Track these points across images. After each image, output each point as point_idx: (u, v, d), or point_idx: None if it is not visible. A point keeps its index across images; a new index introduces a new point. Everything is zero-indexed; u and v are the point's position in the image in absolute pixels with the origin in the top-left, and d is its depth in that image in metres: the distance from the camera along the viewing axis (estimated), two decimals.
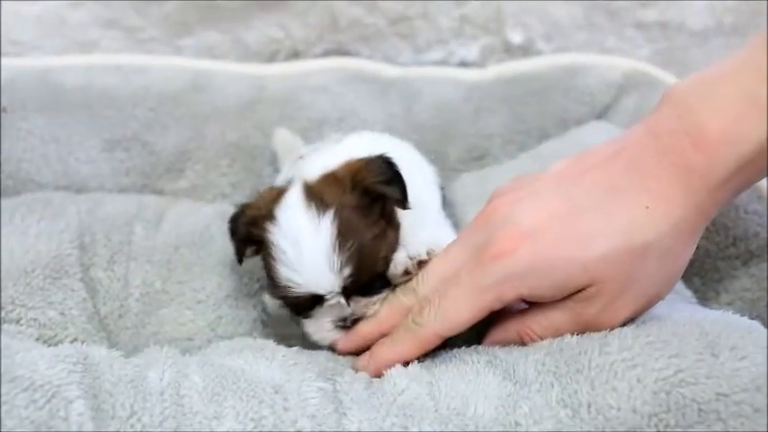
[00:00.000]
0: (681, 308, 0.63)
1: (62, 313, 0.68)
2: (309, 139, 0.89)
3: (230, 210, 0.80)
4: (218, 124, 0.90)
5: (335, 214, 0.58)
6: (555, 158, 0.83)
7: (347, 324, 0.61)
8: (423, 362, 0.59)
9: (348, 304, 0.60)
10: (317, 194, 0.60)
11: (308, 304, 0.61)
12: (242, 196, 0.89)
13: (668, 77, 0.93)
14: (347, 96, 0.93)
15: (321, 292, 0.59)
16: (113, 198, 0.83)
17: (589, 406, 0.49)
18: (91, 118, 0.88)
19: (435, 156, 0.91)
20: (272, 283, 0.61)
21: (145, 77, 0.90)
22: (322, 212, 0.59)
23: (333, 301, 0.59)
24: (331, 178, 0.62)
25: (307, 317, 0.62)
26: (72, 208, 0.77)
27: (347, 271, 0.58)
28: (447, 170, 0.91)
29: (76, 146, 0.87)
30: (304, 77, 0.93)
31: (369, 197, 0.61)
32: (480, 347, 0.60)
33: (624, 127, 0.89)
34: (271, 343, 0.64)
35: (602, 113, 0.94)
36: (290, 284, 0.59)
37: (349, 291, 0.59)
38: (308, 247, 0.58)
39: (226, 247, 0.74)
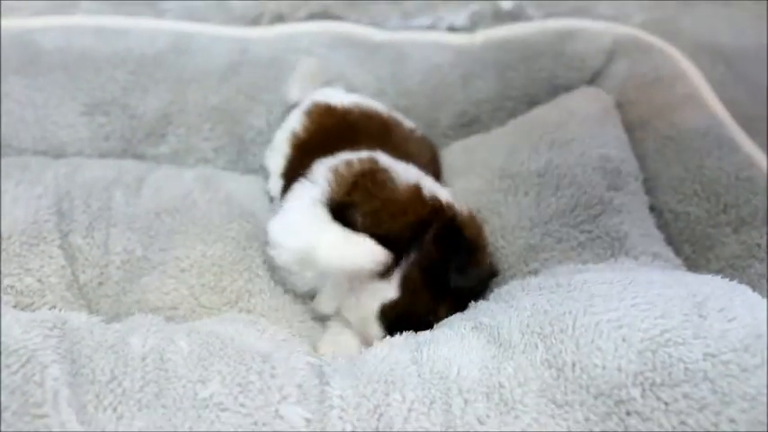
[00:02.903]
0: (669, 273, 0.62)
1: (39, 280, 0.67)
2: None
3: (211, 173, 0.79)
4: (201, 87, 0.87)
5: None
6: (544, 125, 0.84)
7: None
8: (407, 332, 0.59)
9: None
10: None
11: None
12: (225, 161, 0.87)
13: (658, 43, 0.91)
14: (333, 59, 0.90)
15: None
16: (92, 163, 0.81)
17: (573, 365, 0.49)
18: (70, 80, 0.85)
19: (427, 122, 0.90)
20: None
21: (125, 39, 0.87)
22: None
23: None
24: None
25: None
26: (50, 173, 0.76)
27: None
28: (438, 137, 0.90)
29: (54, 109, 0.85)
30: (289, 40, 0.91)
31: None
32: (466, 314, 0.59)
33: (615, 93, 0.88)
34: (262, 319, 0.63)
35: (592, 79, 0.92)
36: None
37: None
38: None
39: (209, 213, 0.73)
